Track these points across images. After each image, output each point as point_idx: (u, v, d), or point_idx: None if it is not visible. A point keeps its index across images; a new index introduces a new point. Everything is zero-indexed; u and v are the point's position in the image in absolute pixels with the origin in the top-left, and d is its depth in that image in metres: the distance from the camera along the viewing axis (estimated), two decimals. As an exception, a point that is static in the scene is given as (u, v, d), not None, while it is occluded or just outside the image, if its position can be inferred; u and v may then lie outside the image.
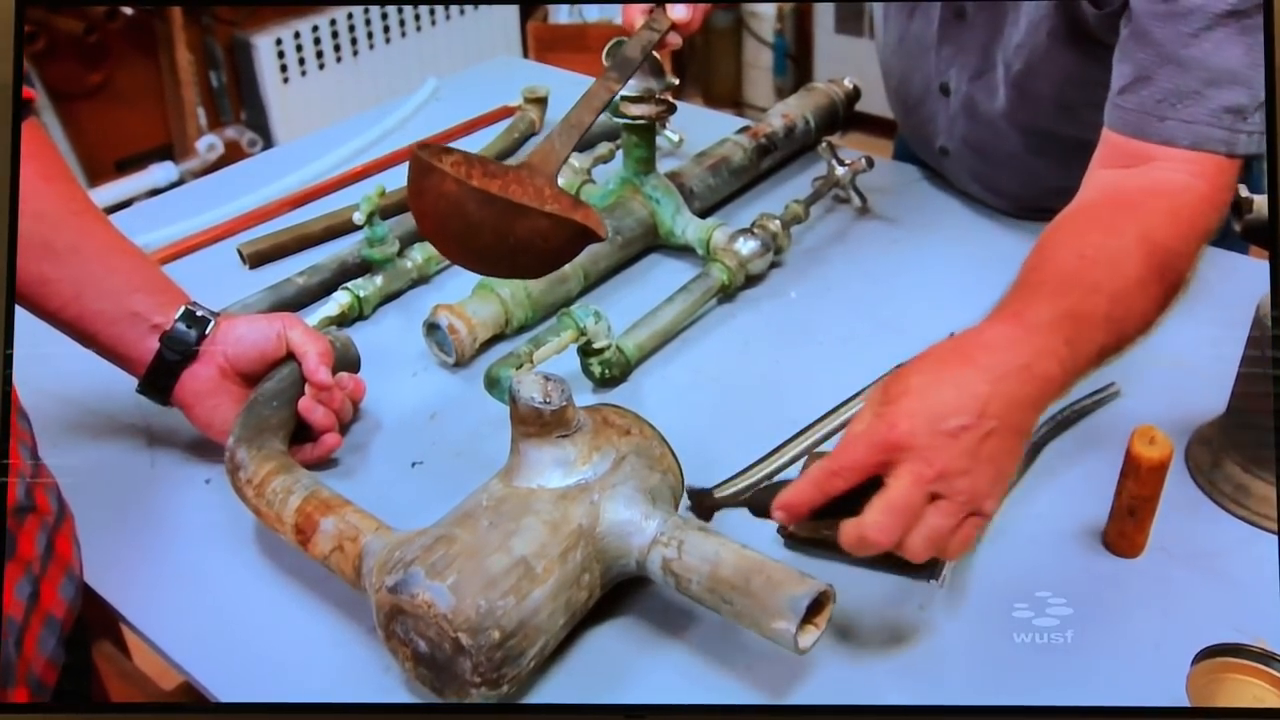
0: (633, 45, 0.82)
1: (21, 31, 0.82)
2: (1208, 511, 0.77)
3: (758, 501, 0.67)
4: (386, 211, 1.08)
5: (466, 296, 0.93)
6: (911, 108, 1.12)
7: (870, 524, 0.60)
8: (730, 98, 3.14)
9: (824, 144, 1.11)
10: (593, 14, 3.14)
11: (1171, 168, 0.77)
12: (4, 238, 0.73)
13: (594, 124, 0.79)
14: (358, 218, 0.96)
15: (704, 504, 0.74)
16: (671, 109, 1.03)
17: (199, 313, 0.78)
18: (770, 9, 3.08)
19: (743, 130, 1.17)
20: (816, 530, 0.74)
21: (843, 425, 0.85)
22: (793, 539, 0.75)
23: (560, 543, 0.63)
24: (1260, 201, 0.71)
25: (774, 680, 0.66)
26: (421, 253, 1.01)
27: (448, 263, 1.05)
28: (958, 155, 1.09)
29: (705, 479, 0.77)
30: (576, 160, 1.12)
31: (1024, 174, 1.04)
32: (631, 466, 0.68)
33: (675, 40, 0.85)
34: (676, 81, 1.02)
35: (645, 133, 1.02)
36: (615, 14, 3.13)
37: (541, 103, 1.30)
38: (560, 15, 3.15)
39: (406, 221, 1.07)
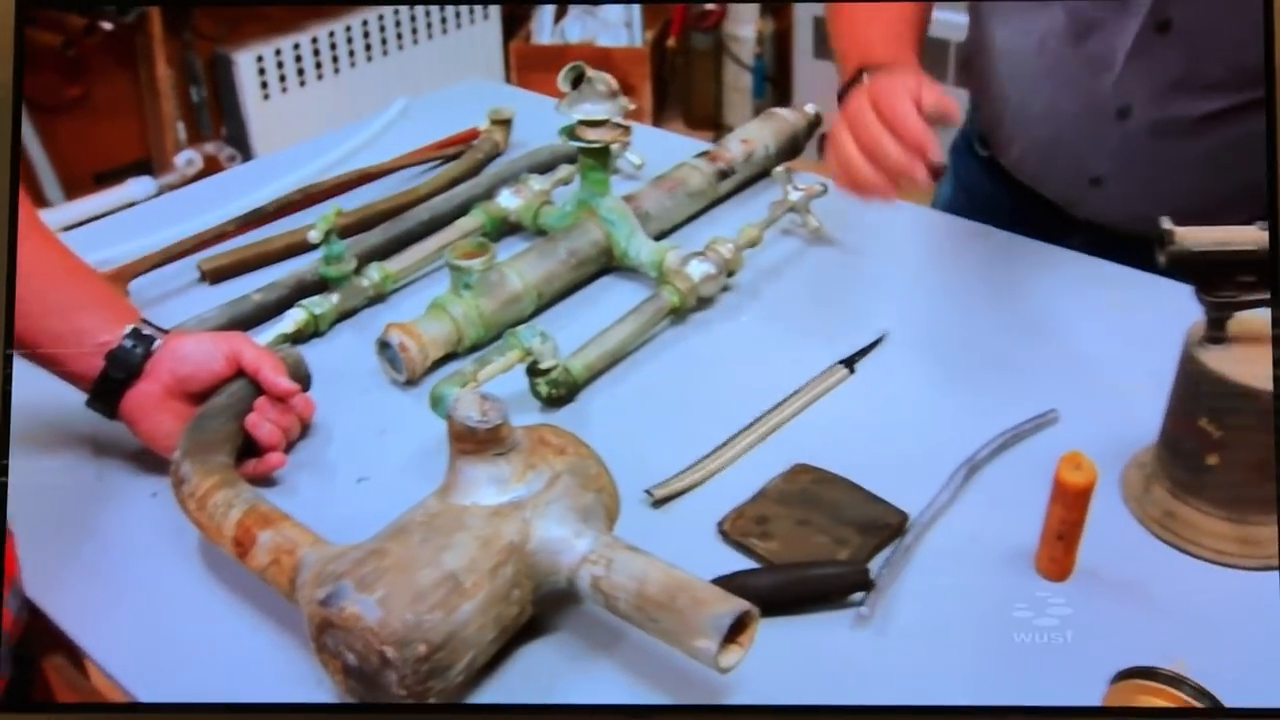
0: None
1: (22, 32, 0.83)
2: (1138, 537, 0.79)
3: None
4: (347, 230, 1.10)
5: (420, 315, 0.94)
6: (1057, 135, 1.09)
7: None
8: (710, 120, 3.16)
9: (780, 169, 1.12)
10: (574, 34, 3.17)
11: None
12: (4, 237, 0.74)
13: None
14: (313, 236, 0.97)
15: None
16: (627, 133, 1.04)
17: (146, 331, 0.79)
18: (750, 33, 3.11)
19: (702, 155, 1.19)
20: (747, 535, 0.76)
21: (774, 428, 0.87)
22: (726, 536, 0.77)
23: (491, 558, 0.64)
24: (1182, 234, 0.73)
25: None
26: (378, 271, 1.03)
27: (405, 281, 1.06)
28: (1120, 182, 1.07)
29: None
30: (536, 183, 1.14)
31: (1204, 191, 1.02)
32: (565, 485, 0.69)
33: None
34: (633, 106, 1.04)
35: (600, 156, 1.04)
36: (598, 34, 3.15)
37: (506, 124, 1.32)
38: (543, 35, 3.18)
39: (365, 240, 1.08)
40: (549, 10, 3.20)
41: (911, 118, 0.85)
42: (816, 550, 0.75)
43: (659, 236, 1.11)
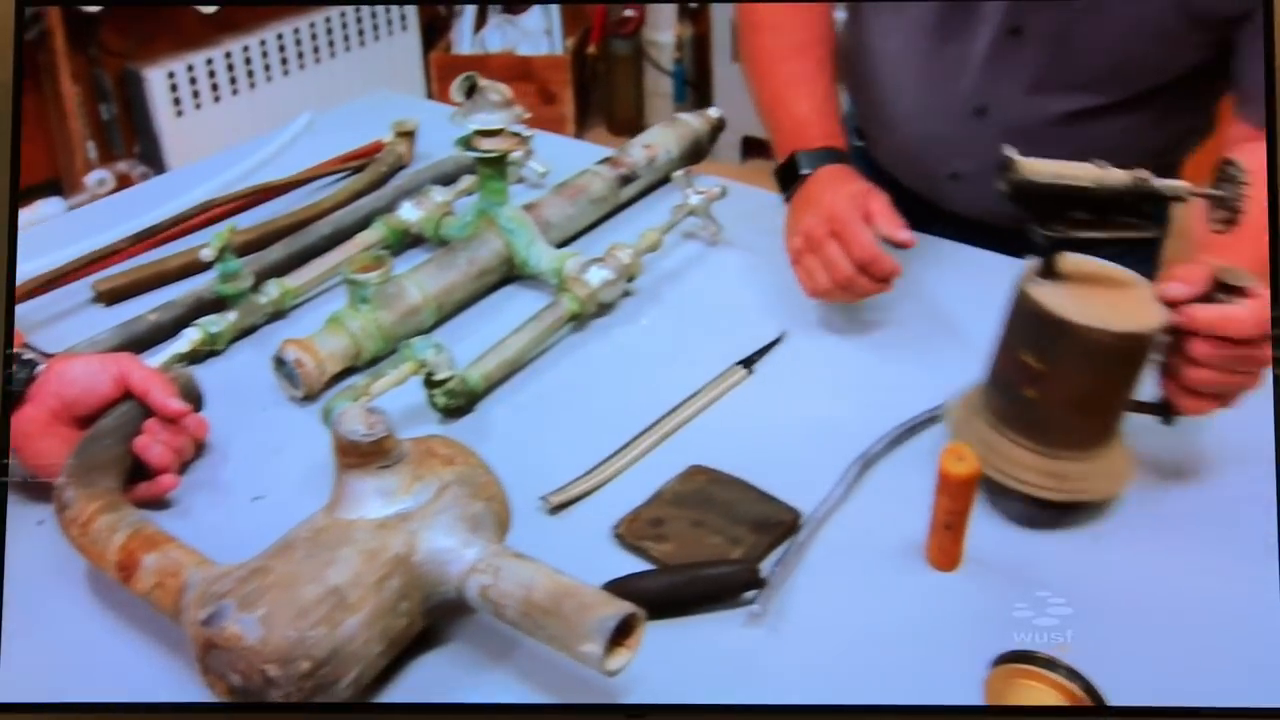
0: None
1: (22, 32, 0.84)
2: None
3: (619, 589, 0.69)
4: (247, 247, 1.09)
5: (317, 330, 0.94)
6: (922, 132, 1.15)
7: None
8: (633, 125, 3.17)
9: (680, 173, 1.13)
10: (495, 43, 3.16)
11: None
12: (4, 238, 0.72)
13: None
14: (206, 254, 0.96)
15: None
16: (523, 141, 1.05)
17: (27, 355, 0.78)
18: (669, 38, 3.13)
19: (604, 161, 1.20)
20: (641, 538, 0.77)
21: (672, 431, 0.88)
22: (621, 540, 0.78)
23: (376, 571, 0.64)
24: (1022, 163, 0.74)
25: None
26: (277, 287, 1.02)
27: (306, 296, 1.06)
28: (976, 178, 1.11)
29: (548, 504, 0.79)
30: (438, 194, 1.14)
31: None
32: (454, 495, 0.69)
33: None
34: (529, 115, 1.04)
35: (498, 165, 1.04)
36: (518, 43, 3.15)
37: (410, 136, 1.32)
38: (463, 45, 3.17)
39: (265, 256, 1.08)
40: (469, 20, 3.19)
41: (873, 250, 0.93)
42: (710, 550, 0.76)
43: (562, 244, 1.12)
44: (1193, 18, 0.93)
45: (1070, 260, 0.77)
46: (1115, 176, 0.73)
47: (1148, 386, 0.79)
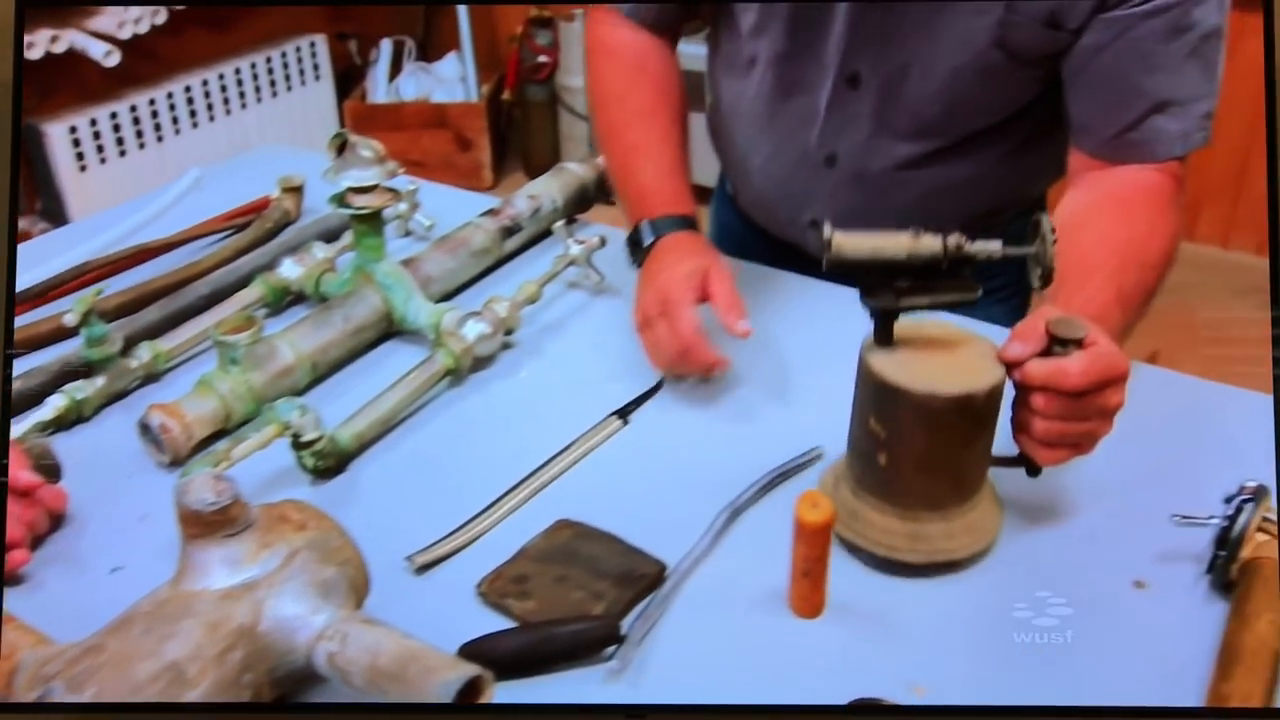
0: None
1: (22, 31, 0.84)
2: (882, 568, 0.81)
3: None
4: (122, 309, 1.08)
5: (186, 393, 0.93)
6: (778, 183, 1.16)
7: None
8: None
9: (559, 224, 1.14)
10: (409, 92, 3.17)
11: (1142, 168, 0.95)
12: (4, 238, 0.70)
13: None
14: (70, 319, 0.95)
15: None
16: (397, 197, 1.05)
17: None
18: (582, 82, 3.15)
19: (487, 213, 1.20)
20: (505, 596, 0.76)
21: (544, 485, 0.88)
22: (484, 598, 0.77)
23: (217, 644, 0.63)
24: (839, 241, 0.75)
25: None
26: (149, 350, 1.00)
27: (181, 359, 1.04)
28: (835, 225, 1.12)
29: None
30: (320, 251, 1.13)
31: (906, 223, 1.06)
32: (304, 561, 0.68)
33: None
34: (402, 170, 1.04)
35: (373, 222, 1.04)
36: (433, 90, 3.16)
37: (298, 191, 1.31)
38: (378, 94, 3.17)
39: (140, 319, 1.06)
40: (383, 68, 3.19)
41: (691, 339, 0.93)
42: (573, 606, 0.76)
43: (444, 298, 1.12)
44: (1014, 57, 0.96)
45: (908, 324, 0.78)
46: (927, 244, 0.75)
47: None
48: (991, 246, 0.75)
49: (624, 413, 0.96)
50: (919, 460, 0.77)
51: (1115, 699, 0.71)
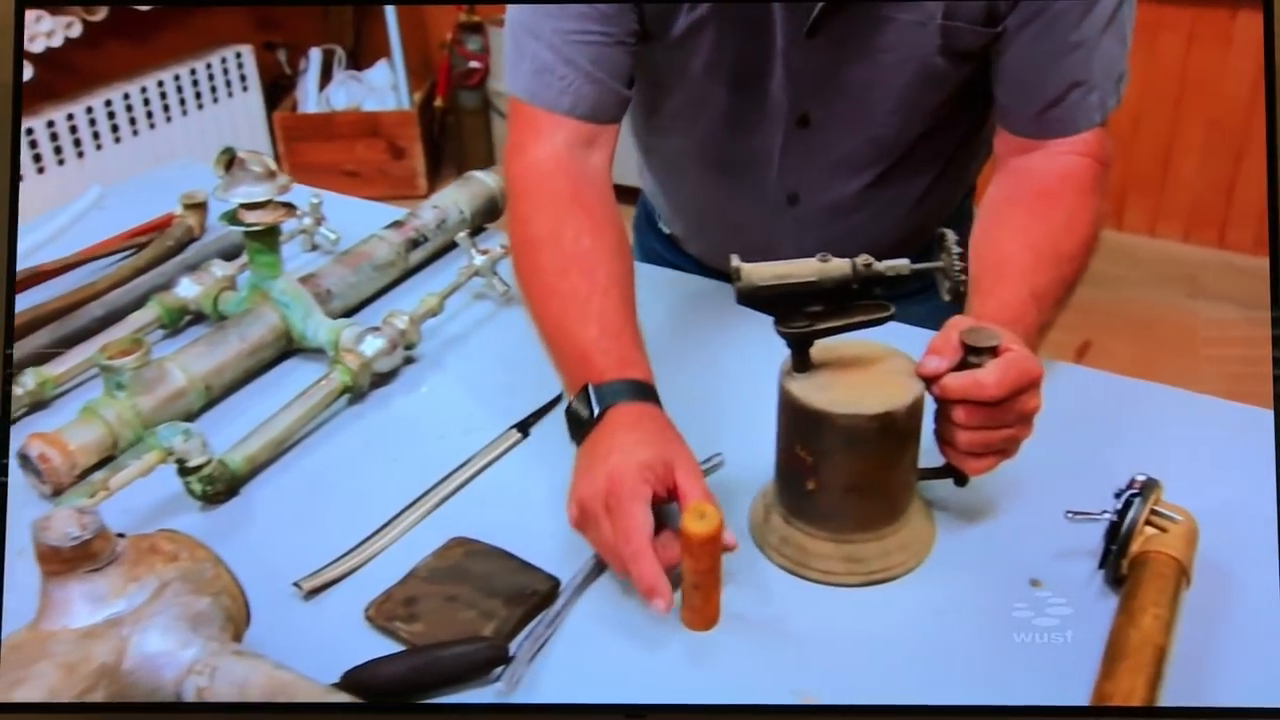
0: None
1: (22, 31, 0.84)
2: (775, 574, 0.81)
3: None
4: (15, 333, 1.05)
5: (70, 421, 0.90)
6: (734, 222, 1.13)
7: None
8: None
9: (463, 235, 1.12)
10: (340, 101, 3.13)
11: (1064, 149, 0.94)
12: (4, 238, 0.74)
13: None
14: (-54, 349, 0.92)
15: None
16: (292, 211, 1.03)
17: None
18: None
19: (391, 225, 1.18)
20: (392, 619, 0.75)
21: (440, 503, 0.86)
22: (372, 622, 0.76)
23: (75, 685, 0.61)
24: (747, 270, 0.75)
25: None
26: (35, 377, 0.98)
27: (71, 384, 1.02)
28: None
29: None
30: (219, 269, 1.11)
31: (870, 249, 0.89)
32: (174, 593, 0.66)
33: None
34: (293, 186, 1.02)
35: (266, 239, 1.02)
36: (364, 100, 3.13)
37: (201, 208, 1.28)
38: (308, 105, 3.13)
39: (28, 344, 1.03)
40: (313, 78, 3.15)
41: (641, 555, 0.73)
42: (462, 627, 0.74)
43: (348, 313, 1.10)
44: (955, 58, 0.96)
45: (824, 347, 0.77)
46: (835, 267, 0.74)
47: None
48: (900, 264, 0.74)
49: (524, 426, 0.95)
50: (847, 482, 0.77)
51: (1006, 699, 0.70)
